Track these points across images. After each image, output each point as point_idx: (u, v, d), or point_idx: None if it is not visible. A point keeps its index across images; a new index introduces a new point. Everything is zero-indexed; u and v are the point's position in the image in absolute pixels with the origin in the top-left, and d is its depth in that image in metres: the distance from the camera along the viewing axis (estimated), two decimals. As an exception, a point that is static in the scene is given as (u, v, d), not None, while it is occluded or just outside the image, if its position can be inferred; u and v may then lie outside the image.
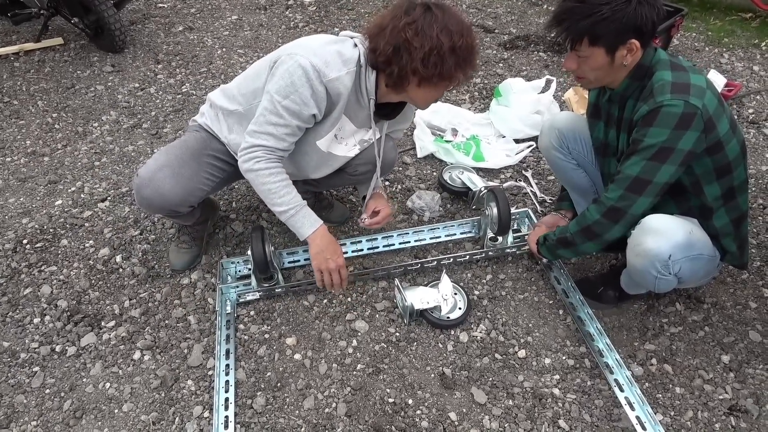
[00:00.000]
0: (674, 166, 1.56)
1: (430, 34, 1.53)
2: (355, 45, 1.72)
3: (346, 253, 2.26)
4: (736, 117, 2.97)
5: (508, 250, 2.25)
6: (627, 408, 1.69)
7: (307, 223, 1.83)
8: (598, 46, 1.57)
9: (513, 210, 2.30)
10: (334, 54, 1.67)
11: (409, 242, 2.31)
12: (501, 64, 3.53)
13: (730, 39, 3.70)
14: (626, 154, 1.63)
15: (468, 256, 2.22)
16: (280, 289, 2.12)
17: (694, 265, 1.67)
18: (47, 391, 1.89)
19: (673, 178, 1.58)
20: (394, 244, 2.30)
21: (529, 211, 2.36)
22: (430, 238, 2.33)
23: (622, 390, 1.74)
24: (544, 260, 2.15)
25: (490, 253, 2.23)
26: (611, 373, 1.80)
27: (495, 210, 2.13)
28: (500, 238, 2.24)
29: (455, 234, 2.35)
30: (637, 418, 1.66)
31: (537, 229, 2.13)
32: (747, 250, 1.86)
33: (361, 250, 2.28)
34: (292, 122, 1.69)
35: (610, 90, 1.74)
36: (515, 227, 2.34)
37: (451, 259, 2.21)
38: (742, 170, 1.70)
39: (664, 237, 1.61)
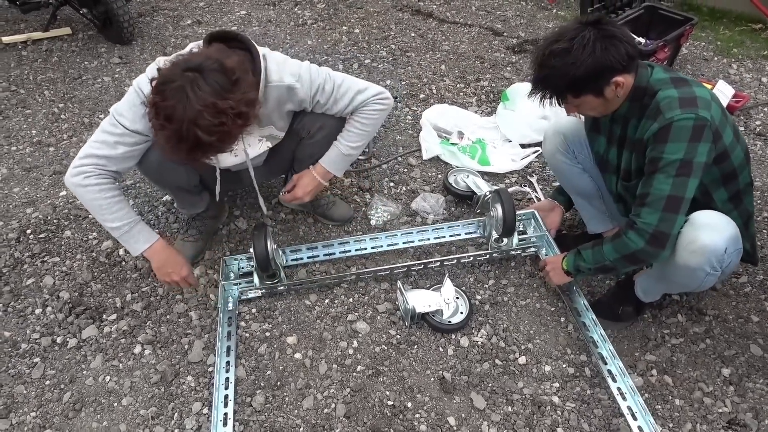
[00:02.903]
0: (697, 180, 1.57)
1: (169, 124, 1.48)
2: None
3: (349, 251, 2.26)
4: (743, 128, 2.98)
5: (513, 252, 2.24)
6: (629, 417, 1.69)
7: (142, 238, 1.86)
8: (584, 95, 1.64)
9: (519, 211, 2.28)
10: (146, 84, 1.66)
11: (413, 242, 2.31)
12: (509, 68, 3.52)
13: (739, 49, 3.69)
14: (647, 174, 1.62)
15: (472, 258, 2.22)
16: (282, 287, 2.12)
17: (737, 258, 1.70)
18: (47, 382, 1.89)
19: (695, 192, 1.59)
20: (397, 244, 2.30)
21: (536, 212, 2.35)
22: (435, 238, 2.32)
23: (624, 399, 1.74)
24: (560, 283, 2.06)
25: (494, 254, 2.23)
26: (614, 381, 1.79)
27: (500, 211, 2.12)
28: (505, 240, 2.24)
29: (460, 234, 2.34)
30: (639, 428, 1.66)
31: (553, 257, 2.07)
32: (756, 246, 1.90)
33: (365, 249, 2.28)
34: (125, 132, 1.73)
35: (612, 111, 1.75)
36: (521, 228, 2.34)
37: (455, 261, 2.21)
38: (747, 174, 1.73)
39: (717, 231, 1.60)
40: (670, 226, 1.59)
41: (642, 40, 3.31)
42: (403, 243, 2.30)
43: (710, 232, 1.59)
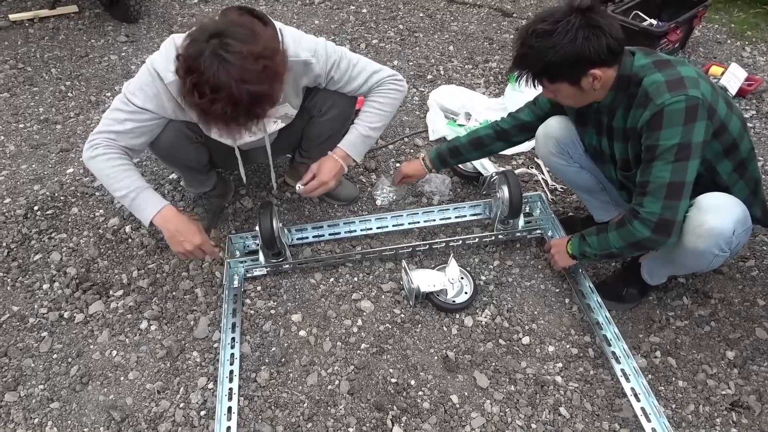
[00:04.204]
0: (697, 161, 1.54)
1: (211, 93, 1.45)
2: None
3: (354, 231, 2.27)
4: (755, 112, 2.94)
5: (519, 234, 2.24)
6: (632, 399, 1.69)
7: (150, 203, 1.78)
8: (560, 82, 1.61)
9: (525, 193, 2.26)
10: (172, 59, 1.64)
11: (419, 222, 2.31)
12: (518, 49, 3.47)
13: (753, 32, 3.63)
14: (645, 162, 1.60)
15: (477, 239, 2.21)
16: (287, 266, 2.13)
17: (745, 238, 1.68)
18: (54, 356, 1.92)
19: (696, 172, 1.57)
20: (403, 224, 2.29)
21: (542, 194, 2.33)
22: (440, 219, 2.32)
23: (628, 380, 1.74)
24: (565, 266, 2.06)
25: (500, 236, 2.22)
26: (617, 362, 1.79)
27: (506, 193, 2.11)
28: (511, 222, 2.23)
29: (465, 215, 2.33)
30: (642, 409, 1.66)
31: (557, 240, 2.06)
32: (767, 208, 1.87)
33: (370, 229, 2.28)
34: (135, 110, 1.75)
35: (596, 102, 1.71)
36: (527, 210, 2.33)
37: (460, 242, 2.20)
38: (747, 141, 1.70)
39: (725, 213, 1.58)
40: (675, 213, 1.57)
41: (654, 21, 3.26)
42: (409, 223, 2.30)
43: (717, 214, 1.57)
